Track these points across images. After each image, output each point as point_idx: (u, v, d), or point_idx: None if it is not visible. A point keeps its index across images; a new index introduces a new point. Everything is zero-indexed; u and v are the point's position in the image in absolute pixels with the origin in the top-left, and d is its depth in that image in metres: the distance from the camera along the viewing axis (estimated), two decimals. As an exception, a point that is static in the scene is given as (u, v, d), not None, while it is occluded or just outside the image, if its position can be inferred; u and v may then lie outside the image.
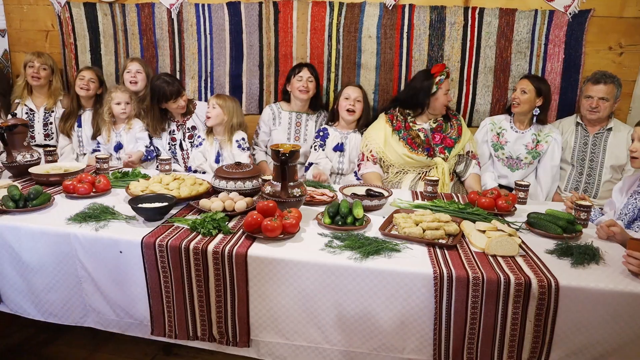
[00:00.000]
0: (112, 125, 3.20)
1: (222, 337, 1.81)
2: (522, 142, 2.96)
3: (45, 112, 3.45)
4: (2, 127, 2.51)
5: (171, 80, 3.06)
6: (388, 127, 2.89)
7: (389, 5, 3.14)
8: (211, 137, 3.05)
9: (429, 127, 2.90)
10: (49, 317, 2.00)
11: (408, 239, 1.84)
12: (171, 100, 3.06)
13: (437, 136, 2.87)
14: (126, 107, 3.14)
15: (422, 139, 2.85)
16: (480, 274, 1.58)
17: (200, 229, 1.84)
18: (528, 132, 2.95)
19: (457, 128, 2.92)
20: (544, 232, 1.94)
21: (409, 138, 2.84)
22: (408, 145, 2.83)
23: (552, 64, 3.07)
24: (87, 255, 1.87)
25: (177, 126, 3.19)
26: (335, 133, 3.12)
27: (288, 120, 3.25)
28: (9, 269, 1.96)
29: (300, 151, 2.19)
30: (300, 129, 3.26)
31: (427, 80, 2.85)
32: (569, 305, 1.55)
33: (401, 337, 1.67)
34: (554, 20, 3.00)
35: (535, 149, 2.93)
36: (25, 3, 3.69)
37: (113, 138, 3.19)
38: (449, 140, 2.87)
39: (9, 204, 2.02)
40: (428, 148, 2.83)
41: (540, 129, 2.95)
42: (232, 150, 3.00)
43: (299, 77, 3.13)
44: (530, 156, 2.94)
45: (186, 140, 3.16)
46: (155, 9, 3.47)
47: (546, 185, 2.95)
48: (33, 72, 3.38)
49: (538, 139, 2.93)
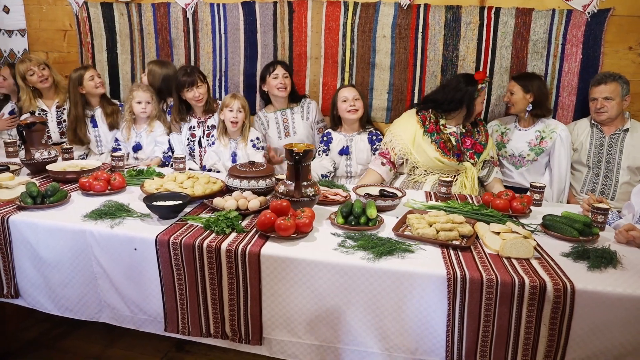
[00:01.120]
0: (133, 123, 3.22)
1: (235, 335, 1.82)
2: (525, 140, 2.94)
3: (57, 111, 3.45)
4: (20, 125, 2.55)
5: (190, 71, 3.06)
6: (419, 128, 2.78)
7: (404, 5, 3.12)
8: (226, 138, 3.06)
9: (459, 131, 2.83)
10: (65, 312, 2.03)
11: (421, 240, 1.83)
12: (185, 88, 3.05)
13: (467, 141, 2.81)
14: (147, 107, 3.14)
15: (454, 144, 2.77)
16: (494, 276, 1.57)
17: (213, 227, 1.85)
18: (531, 130, 2.95)
19: (484, 134, 2.87)
20: (559, 234, 1.91)
21: (441, 142, 2.75)
22: (440, 149, 2.74)
23: (569, 64, 3.03)
24: (103, 252, 1.89)
25: (197, 123, 3.21)
26: (339, 137, 3.08)
27: (275, 120, 3.27)
28: (27, 264, 2.00)
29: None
30: (287, 124, 3.27)
31: (472, 86, 2.75)
32: (585, 309, 1.52)
33: (414, 338, 1.67)
34: (571, 19, 2.96)
35: (538, 145, 2.90)
36: (45, 3, 3.75)
37: (133, 137, 3.20)
38: (478, 146, 2.82)
39: (27, 200, 2.05)
40: (459, 153, 2.77)
41: (546, 125, 2.92)
42: (246, 150, 3.01)
43: (274, 75, 3.13)
44: (533, 153, 2.92)
45: (204, 138, 3.18)
46: (171, 8, 3.50)
47: (557, 187, 2.92)
48: (37, 77, 3.33)
49: (542, 135, 2.91)
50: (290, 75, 3.21)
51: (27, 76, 3.33)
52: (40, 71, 3.34)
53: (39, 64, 3.35)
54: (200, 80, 3.06)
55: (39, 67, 3.33)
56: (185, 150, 3.19)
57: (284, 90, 3.16)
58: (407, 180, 2.83)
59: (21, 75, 3.33)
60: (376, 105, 3.34)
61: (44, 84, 3.37)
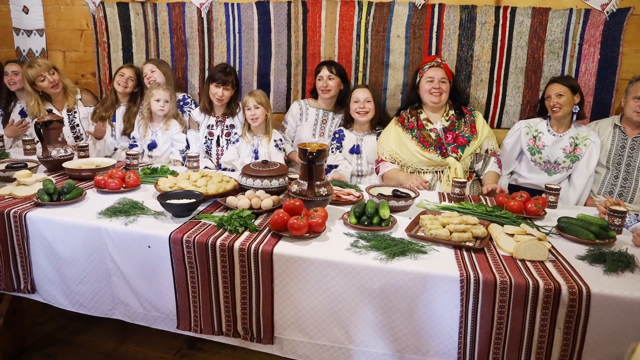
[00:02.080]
0: (150, 121, 3.25)
1: (247, 334, 1.83)
2: (560, 146, 2.87)
3: (68, 114, 3.46)
4: (38, 123, 2.60)
5: (228, 71, 3.12)
6: (399, 128, 2.90)
7: (418, 5, 3.10)
8: (250, 135, 3.08)
9: (441, 126, 2.87)
10: (79, 308, 2.06)
11: (434, 241, 1.81)
12: (213, 83, 3.10)
13: (449, 135, 2.83)
14: (164, 105, 3.17)
15: (434, 139, 2.82)
16: (508, 278, 1.55)
17: (227, 226, 1.86)
18: (566, 136, 2.86)
19: (470, 125, 2.86)
20: (575, 237, 1.89)
21: (421, 137, 2.82)
22: (420, 143, 2.81)
23: (586, 65, 2.99)
24: (117, 249, 1.91)
25: (216, 122, 3.23)
26: (350, 135, 3.10)
27: (315, 116, 3.26)
28: (43, 259, 2.03)
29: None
30: (325, 126, 3.26)
31: (415, 74, 2.93)
32: (601, 314, 1.50)
33: (425, 340, 1.66)
34: (589, 19, 2.91)
35: (573, 152, 2.85)
36: (62, 3, 3.81)
37: (149, 135, 3.24)
38: (461, 139, 2.81)
39: (44, 197, 2.08)
40: (440, 147, 2.80)
41: (579, 132, 2.86)
42: (268, 148, 3.03)
43: (319, 76, 3.14)
44: (568, 160, 2.86)
45: (223, 137, 3.20)
46: (186, 8, 3.52)
47: (579, 190, 2.87)
48: (48, 83, 3.29)
49: (576, 142, 2.84)
50: (340, 76, 3.15)
51: (38, 82, 3.27)
52: (51, 76, 3.30)
53: (48, 68, 3.29)
54: (231, 85, 3.12)
55: (49, 72, 3.28)
56: (201, 147, 3.22)
57: (327, 92, 3.15)
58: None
59: (30, 81, 3.26)
60: (389, 105, 3.33)
61: (55, 89, 3.34)
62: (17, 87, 3.51)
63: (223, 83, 3.08)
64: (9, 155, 2.92)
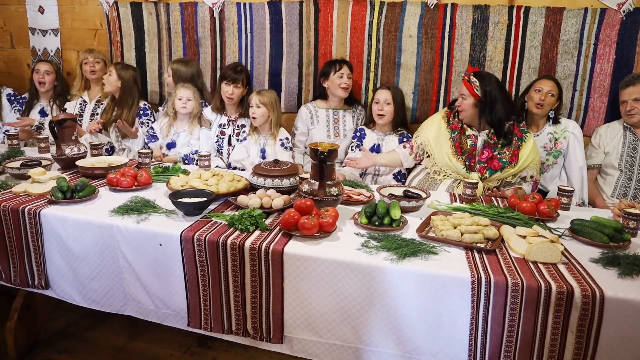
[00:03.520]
0: (174, 120, 3.26)
1: (256, 333, 1.83)
2: (539, 145, 2.86)
3: (95, 104, 3.62)
4: (52, 122, 2.63)
5: (239, 69, 3.15)
6: (443, 124, 2.75)
7: (430, 5, 3.09)
8: (256, 135, 3.09)
9: (482, 138, 2.68)
10: (91, 304, 2.08)
11: (446, 242, 1.80)
12: (224, 81, 3.13)
13: (485, 152, 2.63)
14: (187, 103, 3.17)
15: (468, 147, 2.67)
16: (519, 280, 1.54)
17: (237, 225, 1.87)
18: (543, 133, 2.87)
19: (513, 151, 2.62)
20: (588, 239, 1.86)
21: (457, 141, 2.68)
22: (454, 147, 2.67)
23: (601, 65, 2.95)
24: (129, 247, 1.93)
25: (228, 121, 3.25)
26: (372, 134, 3.12)
27: (326, 117, 3.26)
28: (57, 256, 2.05)
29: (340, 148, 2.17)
30: (338, 125, 3.26)
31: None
32: (615, 318, 1.48)
33: (436, 342, 1.65)
34: (605, 18, 2.87)
35: (555, 147, 2.83)
36: (77, 3, 3.85)
37: (171, 134, 3.25)
38: (496, 163, 2.61)
39: (58, 194, 2.11)
40: (470, 159, 2.65)
41: (556, 126, 2.87)
42: (275, 148, 3.03)
43: (339, 74, 3.13)
44: (551, 157, 2.85)
45: (234, 137, 3.22)
46: (198, 7, 3.54)
47: (577, 185, 2.85)
48: (89, 67, 3.58)
49: (555, 136, 2.83)
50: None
51: (82, 64, 3.61)
52: (93, 64, 3.58)
53: (95, 57, 3.61)
54: (241, 83, 3.13)
55: (94, 59, 3.59)
56: (213, 146, 3.23)
57: (346, 90, 3.17)
58: (425, 176, 2.80)
59: (80, 62, 3.64)
60: (401, 105, 3.32)
61: (92, 75, 3.60)
62: (45, 87, 3.63)
63: (233, 81, 3.10)
64: (24, 153, 2.96)
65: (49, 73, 3.60)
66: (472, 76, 2.62)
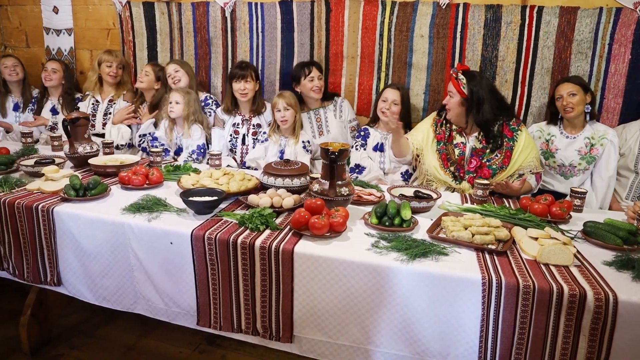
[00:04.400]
0: (173, 124, 3.28)
1: (265, 332, 1.83)
2: (574, 148, 2.78)
3: (108, 104, 3.64)
4: (66, 120, 2.66)
5: (245, 65, 3.18)
6: (431, 132, 2.75)
7: (442, 4, 3.07)
8: (277, 135, 3.10)
9: (470, 145, 2.64)
10: (102, 302, 2.10)
11: (456, 243, 1.79)
12: (233, 80, 3.15)
13: (473, 161, 2.59)
14: (174, 107, 3.16)
15: (456, 157, 2.62)
16: (531, 283, 1.52)
17: (248, 224, 1.87)
18: (580, 136, 2.78)
19: (505, 152, 2.57)
20: (601, 242, 1.84)
21: (444, 153, 2.65)
22: (441, 160, 2.66)
23: (616, 65, 2.91)
24: (140, 245, 1.94)
25: (242, 120, 3.26)
26: (375, 133, 3.09)
27: (308, 120, 3.26)
28: (69, 253, 2.08)
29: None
30: (321, 124, 3.27)
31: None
32: (629, 322, 1.46)
33: (445, 343, 1.64)
34: (620, 18, 2.83)
35: (589, 153, 2.76)
36: (90, 3, 3.89)
37: (174, 141, 3.28)
38: (485, 171, 2.56)
39: (71, 192, 2.13)
40: (459, 168, 2.61)
41: (594, 131, 2.77)
42: (295, 148, 3.04)
43: (310, 77, 3.14)
44: (584, 162, 2.78)
45: (249, 136, 3.23)
46: (210, 7, 3.56)
47: (601, 193, 2.79)
48: (111, 71, 3.59)
49: (592, 142, 2.76)
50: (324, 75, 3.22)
51: (104, 65, 3.59)
52: (116, 69, 3.61)
53: (119, 62, 3.63)
54: (250, 77, 3.15)
55: (117, 64, 3.61)
56: (226, 145, 3.24)
57: (319, 92, 3.19)
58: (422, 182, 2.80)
59: (99, 62, 3.61)
60: (412, 105, 3.30)
61: (111, 79, 3.61)
62: (51, 84, 3.67)
63: (242, 77, 3.12)
64: (37, 151, 3.00)
65: (55, 71, 3.65)
66: (460, 74, 2.60)
